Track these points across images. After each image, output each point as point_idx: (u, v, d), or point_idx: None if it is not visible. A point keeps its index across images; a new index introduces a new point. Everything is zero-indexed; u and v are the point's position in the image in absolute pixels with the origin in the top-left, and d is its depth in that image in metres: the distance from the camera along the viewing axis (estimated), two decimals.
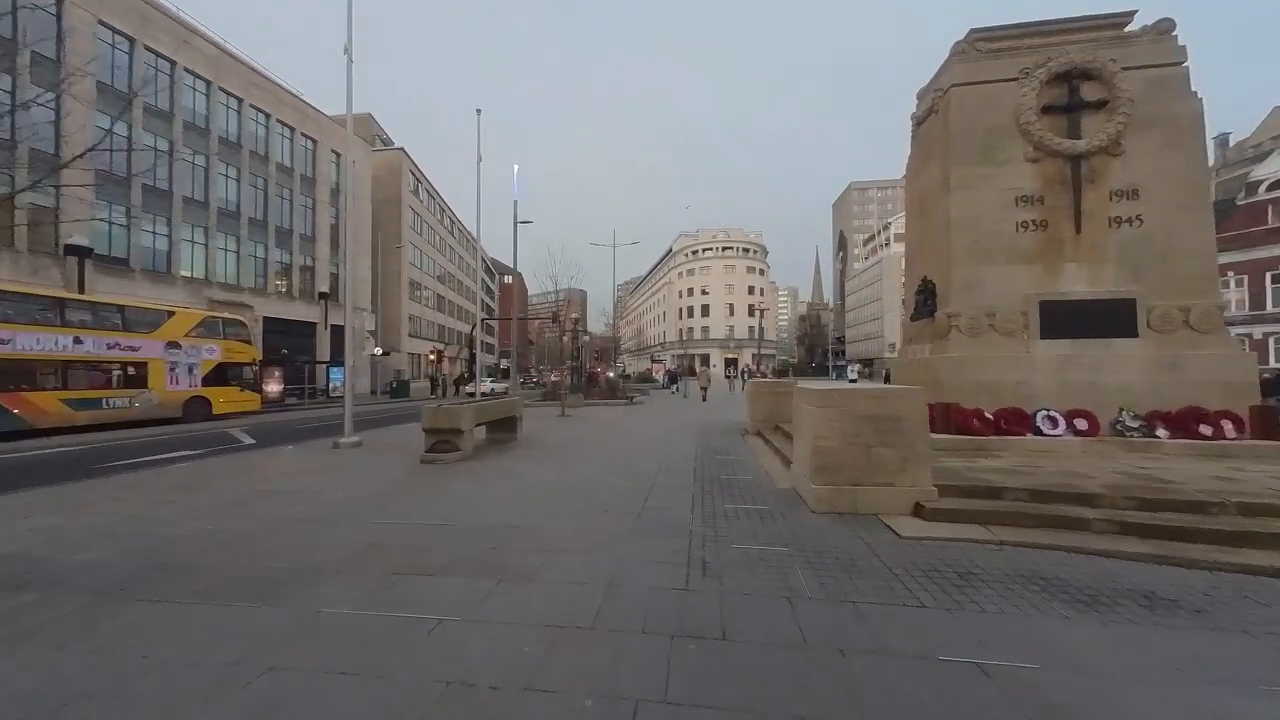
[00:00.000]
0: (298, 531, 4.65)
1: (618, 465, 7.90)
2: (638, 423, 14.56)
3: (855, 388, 5.21)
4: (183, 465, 8.46)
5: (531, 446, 9.94)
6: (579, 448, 9.77)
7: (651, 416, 16.61)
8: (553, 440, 10.87)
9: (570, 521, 4.91)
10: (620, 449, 9.50)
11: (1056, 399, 7.08)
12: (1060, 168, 7.46)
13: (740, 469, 7.52)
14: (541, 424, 14.23)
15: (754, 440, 10.40)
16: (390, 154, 42.65)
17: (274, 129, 29.83)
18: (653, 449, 9.41)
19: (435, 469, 7.68)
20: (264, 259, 29.35)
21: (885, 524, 4.63)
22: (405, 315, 42.49)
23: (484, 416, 9.40)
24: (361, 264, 36.46)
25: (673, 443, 10.26)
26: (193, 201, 25.36)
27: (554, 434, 12.01)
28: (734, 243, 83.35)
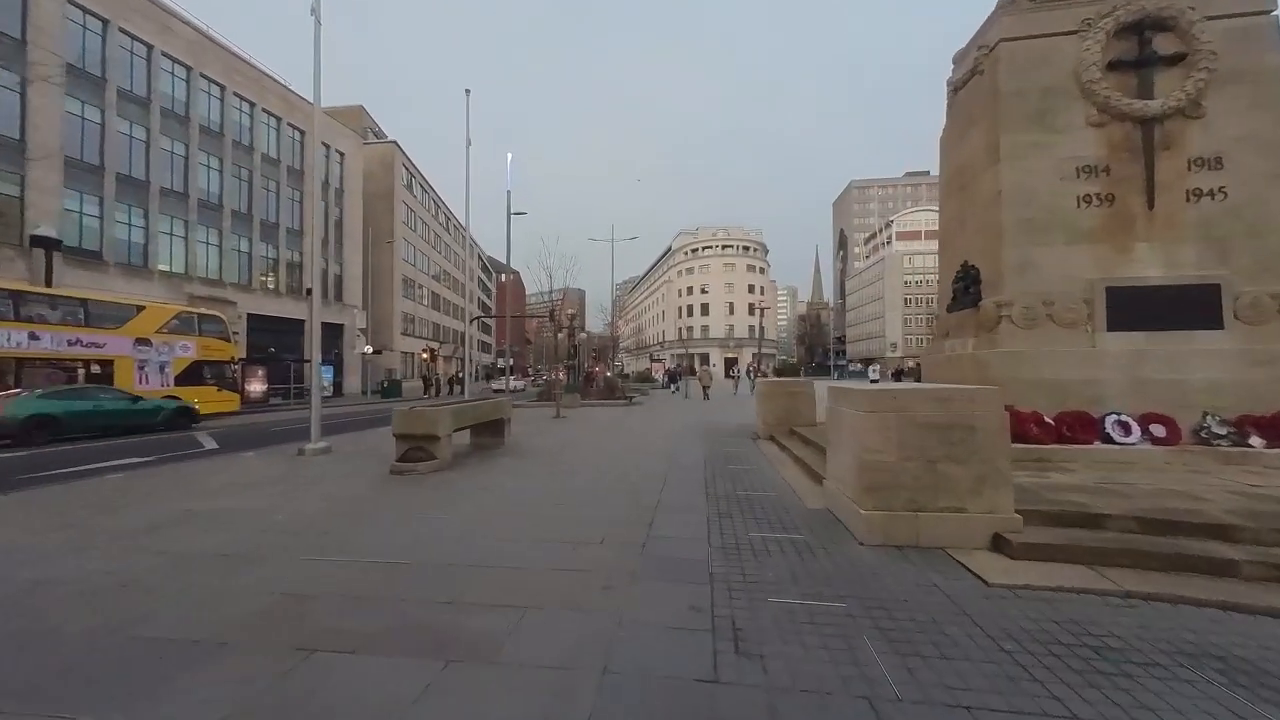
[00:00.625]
0: (204, 574, 3.61)
1: (616, 477, 6.87)
2: (638, 425, 13.54)
3: (916, 387, 4.19)
4: (118, 476, 7.40)
5: (520, 453, 8.90)
6: (573, 454, 8.73)
7: (652, 418, 15.59)
8: (544, 446, 9.83)
9: (555, 556, 3.87)
10: (619, 456, 8.47)
11: (1127, 401, 6.07)
12: (1129, 133, 6.44)
13: (759, 482, 6.49)
14: (534, 427, 13.19)
15: (768, 446, 9.38)
16: (382, 147, 41.52)
17: (259, 118, 28.71)
18: (656, 456, 8.38)
19: (405, 482, 6.64)
20: (249, 254, 28.24)
21: (960, 563, 3.60)
22: (398, 313, 41.39)
23: (465, 420, 8.35)
24: (352, 260, 35.42)
25: (678, 448, 9.23)
26: (171, 192, 24.25)
27: (546, 438, 10.97)
28: (734, 241, 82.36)
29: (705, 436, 10.94)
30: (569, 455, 8.66)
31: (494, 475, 7.04)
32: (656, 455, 8.49)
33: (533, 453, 8.95)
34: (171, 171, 24.27)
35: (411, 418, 7.29)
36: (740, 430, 11.79)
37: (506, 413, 9.99)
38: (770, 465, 7.58)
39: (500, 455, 8.68)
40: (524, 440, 10.53)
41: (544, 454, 8.81)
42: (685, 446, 9.46)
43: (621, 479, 6.71)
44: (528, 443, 10.22)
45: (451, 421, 7.60)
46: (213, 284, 25.98)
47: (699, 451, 8.81)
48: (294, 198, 31.12)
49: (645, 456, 8.38)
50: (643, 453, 8.79)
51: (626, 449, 9.30)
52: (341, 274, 35.02)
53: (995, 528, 3.81)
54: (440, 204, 54.55)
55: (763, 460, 7.99)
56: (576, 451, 9.07)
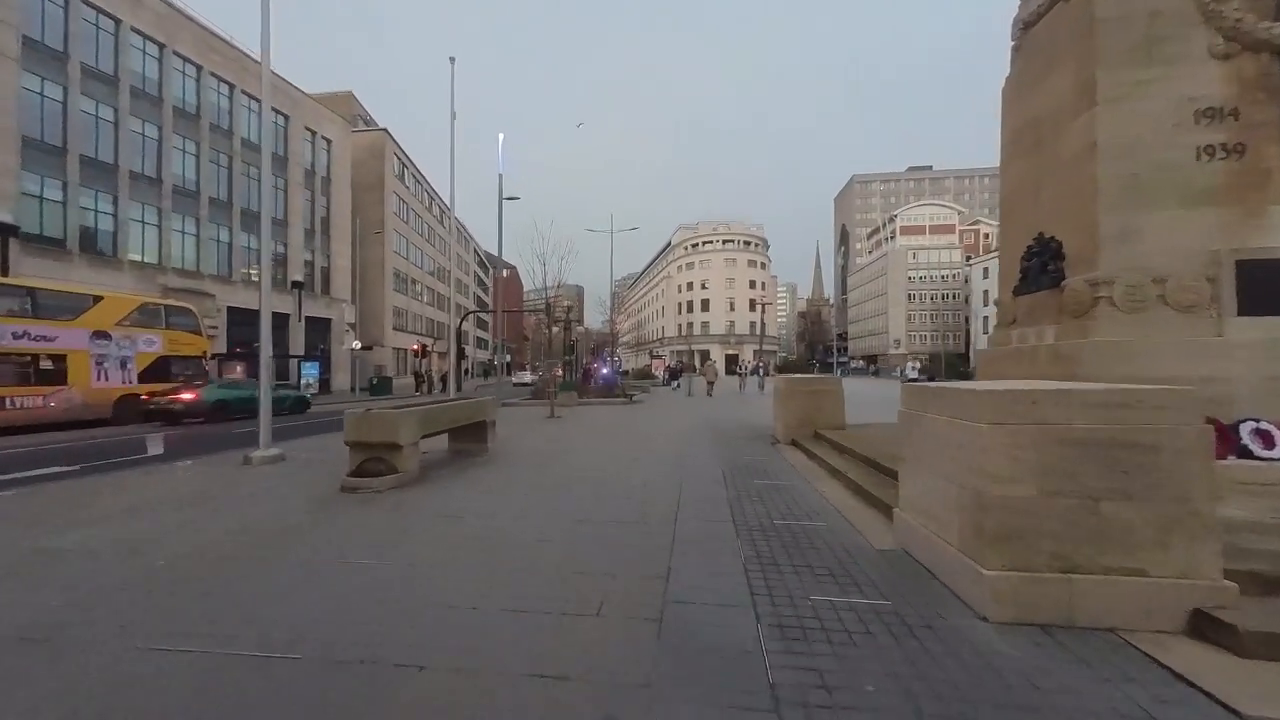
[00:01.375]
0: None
1: (617, 496, 5.57)
2: (641, 426, 12.24)
3: (1068, 387, 2.87)
4: (13, 492, 6.08)
5: (504, 462, 7.60)
6: (566, 464, 7.44)
7: (655, 418, 14.29)
8: (532, 452, 8.52)
9: (529, 641, 2.57)
10: (620, 466, 7.17)
11: (1263, 404, 4.78)
12: (1265, 67, 5.13)
13: (799, 504, 5.20)
14: (524, 428, 11.89)
15: (793, 454, 8.09)
16: (372, 134, 40.03)
17: (238, 101, 27.25)
18: (663, 465, 7.09)
19: (353, 503, 5.32)
20: (228, 244, 26.84)
21: (1158, 661, 2.31)
22: (389, 307, 40.00)
23: (436, 425, 7.02)
24: (340, 251, 34.03)
25: (688, 455, 7.94)
26: (142, 177, 22.81)
27: (536, 442, 9.67)
28: (734, 235, 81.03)
29: (717, 440, 9.66)
30: (561, 465, 7.36)
31: (466, 493, 5.73)
32: (665, 464, 7.20)
33: (519, 461, 7.64)
34: (143, 155, 22.83)
35: (367, 423, 5.98)
36: (755, 433, 10.50)
37: (490, 414, 8.67)
38: (804, 480, 6.28)
39: (480, 465, 7.37)
40: (511, 445, 9.22)
41: (532, 463, 7.50)
42: (697, 453, 8.17)
43: (625, 499, 5.41)
44: (515, 448, 8.92)
45: (417, 427, 6.29)
46: (189, 275, 24.58)
47: (714, 460, 7.53)
48: (278, 186, 29.67)
49: (652, 466, 7.09)
50: (648, 462, 7.49)
51: (629, 456, 8.01)
52: (329, 266, 33.61)
53: (1195, 600, 2.52)
54: (435, 196, 53.09)
55: (792, 472, 6.70)
56: (570, 460, 7.77)
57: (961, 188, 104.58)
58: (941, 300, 73.64)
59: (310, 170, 32.14)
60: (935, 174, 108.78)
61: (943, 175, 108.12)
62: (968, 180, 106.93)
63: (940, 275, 73.87)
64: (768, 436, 10.09)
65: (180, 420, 15.24)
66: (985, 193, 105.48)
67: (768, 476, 6.44)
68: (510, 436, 10.29)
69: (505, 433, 10.80)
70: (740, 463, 7.33)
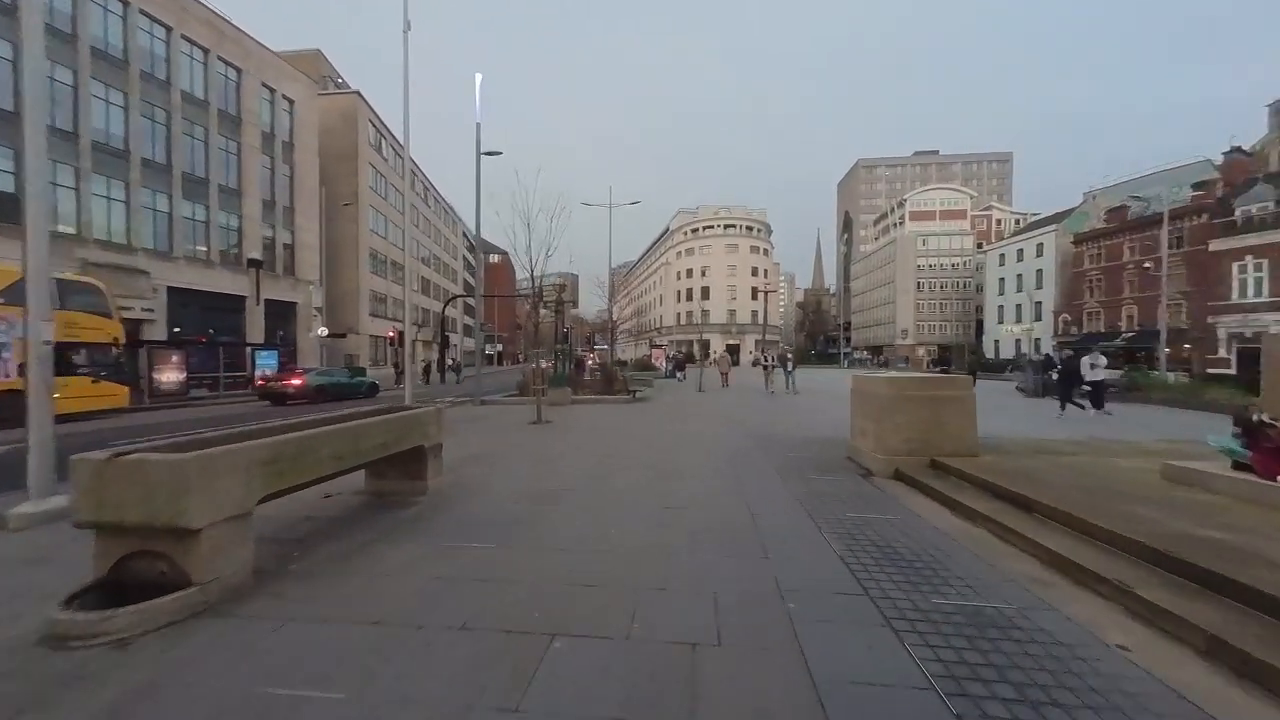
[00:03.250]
0: None
1: (659, 631, 2.41)
2: (656, 437, 9.09)
3: None
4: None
5: (440, 524, 4.45)
6: (549, 528, 4.29)
7: (672, 423, 11.17)
8: (497, 496, 5.37)
9: None
10: (647, 532, 4.03)
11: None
12: None
13: (1050, 653, 2.07)
14: (497, 442, 8.72)
15: (917, 501, 5.00)
16: (344, 98, 36.10)
17: (177, 46, 23.44)
18: (720, 530, 3.97)
19: (42, 690, 2.17)
20: (168, 214, 23.22)
21: None
22: (365, 290, 36.45)
23: (300, 470, 3.69)
24: (306, 227, 30.42)
25: (755, 504, 4.82)
26: (54, 130, 19.14)
27: (510, 470, 6.51)
28: (736, 220, 77.63)
29: (776, 465, 6.55)
30: (543, 531, 4.22)
31: (325, 641, 2.59)
32: (721, 526, 4.08)
33: (469, 520, 4.50)
34: (52, 103, 19.11)
35: (120, 480, 2.78)
36: (823, 452, 7.40)
37: (430, 433, 5.47)
38: (1023, 590, 3.16)
39: (397, 534, 4.21)
40: (467, 478, 6.06)
41: (492, 524, 4.36)
42: (762, 499, 5.05)
43: (680, 645, 2.27)
44: (472, 483, 5.77)
45: (243, 482, 3.09)
46: (117, 249, 21.03)
47: (800, 518, 4.41)
48: (228, 149, 25.98)
49: (705, 537, 3.96)
50: (693, 520, 4.36)
51: (656, 504, 4.88)
52: (293, 243, 30.02)
53: None
54: (418, 172, 49.19)
55: (950, 542, 3.60)
56: (559, 516, 4.62)
57: (970, 173, 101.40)
58: (952, 289, 70.77)
59: (269, 134, 28.40)
60: (942, 159, 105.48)
61: (950, 160, 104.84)
62: (976, 165, 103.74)
63: (951, 263, 70.92)
64: (839, 457, 7.03)
65: (286, 401, 18.47)
66: (994, 179, 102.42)
67: (930, 562, 3.33)
68: (472, 459, 7.12)
69: (468, 450, 7.64)
70: (845, 523, 4.22)
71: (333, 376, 21.01)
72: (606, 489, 5.50)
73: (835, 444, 8.02)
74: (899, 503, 5.00)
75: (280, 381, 19.43)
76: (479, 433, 9.86)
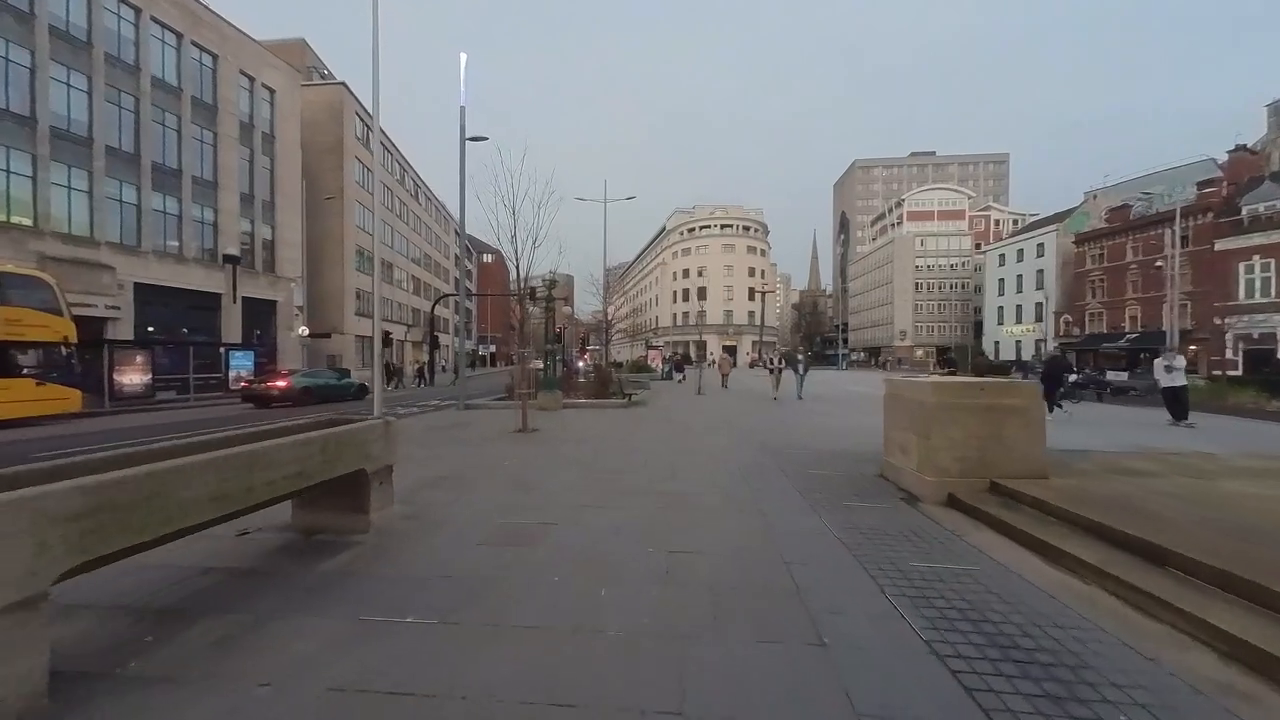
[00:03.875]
0: None
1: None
2: (657, 448, 8.00)
3: None
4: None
5: (374, 575, 3.35)
6: (506, 592, 3.21)
7: (673, 431, 10.09)
8: (457, 532, 4.26)
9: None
10: (653, 594, 2.96)
11: None
12: None
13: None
14: (474, 456, 7.61)
15: (983, 536, 3.95)
16: (329, 90, 34.83)
17: (147, 30, 22.18)
18: (748, 605, 2.89)
19: None
20: (136, 206, 21.94)
21: None
22: (350, 289, 35.19)
23: (152, 522, 2.54)
24: (288, 223, 29.18)
25: (779, 531, 3.75)
26: (7, 114, 17.88)
27: (477, 495, 5.40)
28: (733, 220, 76.79)
29: (798, 483, 5.50)
30: (509, 593, 3.12)
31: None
32: (759, 601, 2.98)
33: (414, 573, 3.39)
34: (6, 85, 17.86)
35: None
36: (850, 466, 6.35)
37: (373, 453, 4.34)
38: (1164, 669, 2.09)
39: (316, 596, 3.10)
40: (428, 507, 4.95)
41: (443, 581, 3.26)
42: (795, 538, 3.96)
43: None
44: (433, 514, 4.67)
45: (30, 554, 1.97)
46: (79, 242, 19.73)
47: (855, 580, 3.33)
48: (202, 139, 24.71)
49: (732, 604, 2.88)
50: (715, 576, 3.28)
51: (664, 546, 3.79)
52: (274, 239, 28.75)
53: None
54: (408, 168, 47.95)
55: (1083, 623, 2.53)
56: (531, 571, 3.52)
57: (966, 174, 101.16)
58: (950, 290, 70.20)
59: (248, 124, 27.15)
60: (939, 160, 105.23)
61: (946, 161, 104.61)
62: (972, 167, 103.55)
63: (949, 264, 70.36)
64: (870, 475, 6.00)
65: (271, 404, 17.52)
66: (990, 180, 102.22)
67: (1079, 676, 2.26)
68: (436, 482, 6.02)
69: (436, 468, 6.53)
70: (937, 594, 3.15)
71: (319, 378, 20.17)
72: (597, 526, 4.41)
73: (862, 459, 6.98)
74: (965, 542, 3.94)
75: (265, 383, 18.46)
76: (454, 444, 8.74)
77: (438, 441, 9.14)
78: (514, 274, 14.70)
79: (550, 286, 14.32)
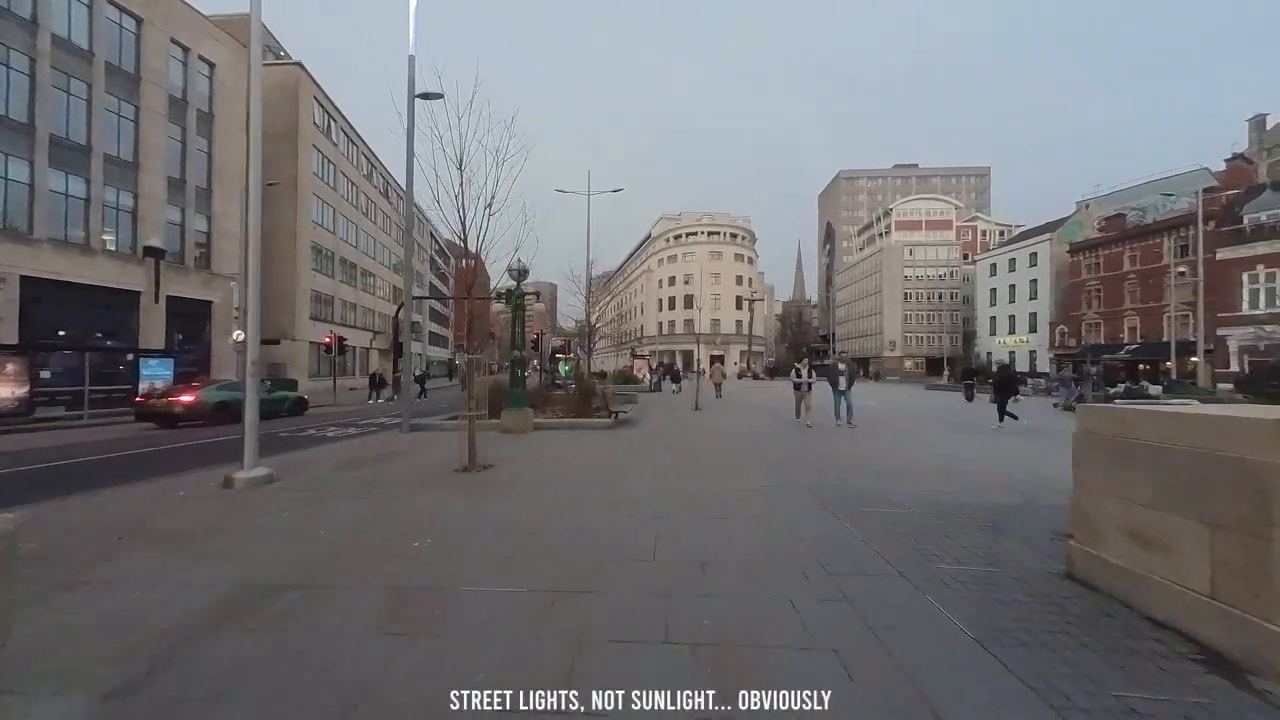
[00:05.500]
0: None
1: None
2: (665, 505, 5.16)
3: None
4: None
5: None
6: None
7: (678, 465, 7.30)
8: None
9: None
10: None
11: None
12: None
13: None
14: (369, 524, 4.68)
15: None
16: (281, 70, 31.60)
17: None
18: None
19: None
20: (28, 185, 18.42)
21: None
22: (304, 291, 31.70)
23: None
24: (226, 213, 25.73)
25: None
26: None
27: (297, 663, 2.52)
28: (720, 227, 75.11)
29: (935, 592, 2.75)
30: None
31: None
32: None
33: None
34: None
35: None
36: (979, 539, 3.64)
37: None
38: None
39: None
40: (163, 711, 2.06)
41: None
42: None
43: None
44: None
45: None
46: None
47: None
48: (119, 112, 21.30)
49: None
50: None
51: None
52: (210, 231, 25.28)
53: None
54: (376, 164, 44.67)
55: None
56: None
57: (949, 186, 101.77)
58: (940, 300, 69.30)
59: (181, 100, 23.81)
60: (922, 171, 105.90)
61: (930, 173, 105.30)
62: (955, 179, 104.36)
63: (938, 274, 69.57)
64: (1051, 571, 3.32)
65: (177, 423, 14.19)
66: (972, 192, 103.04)
67: None
68: (250, 603, 3.12)
69: (282, 561, 3.62)
70: None
71: (240, 391, 16.56)
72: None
73: (1005, 528, 4.31)
74: None
75: (165, 398, 14.87)
76: (356, 497, 5.80)
77: (338, 489, 6.20)
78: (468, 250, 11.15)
79: (520, 277, 11.49)
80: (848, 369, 12.61)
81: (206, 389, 15.31)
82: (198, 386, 15.68)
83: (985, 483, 6.34)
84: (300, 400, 18.64)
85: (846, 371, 12.43)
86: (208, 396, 14.89)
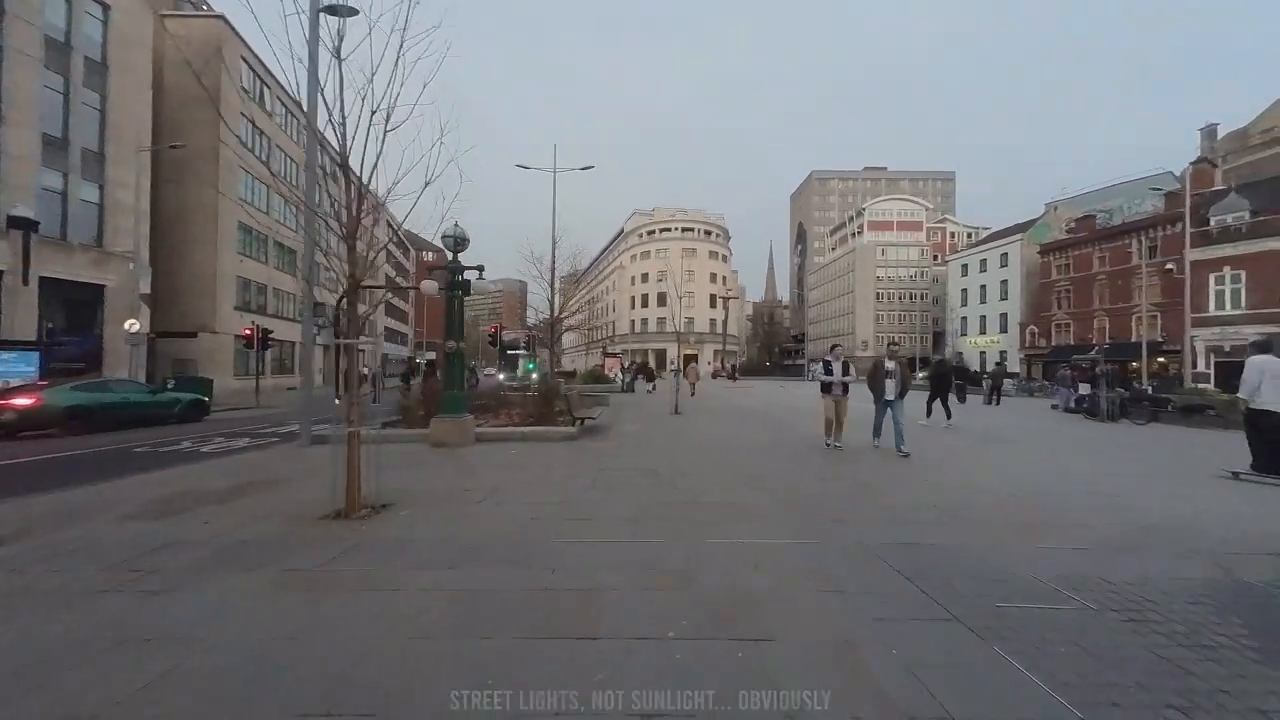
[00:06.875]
0: None
1: None
2: (639, 612, 2.90)
3: None
4: None
5: None
6: None
7: (664, 506, 4.99)
8: None
9: None
10: None
11: None
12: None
13: None
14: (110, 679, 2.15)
15: None
16: (200, 23, 27.64)
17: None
18: None
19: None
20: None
21: None
22: (227, 276, 27.82)
23: None
24: (122, 180, 21.88)
25: None
26: None
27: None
28: (695, 224, 73.42)
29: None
30: None
31: None
32: None
33: None
34: None
35: None
36: None
37: None
38: None
39: None
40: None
41: None
42: None
43: None
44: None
45: None
46: None
47: None
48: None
49: None
50: None
51: None
52: (101, 202, 21.40)
53: None
54: (324, 144, 40.51)
55: None
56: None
57: (916, 189, 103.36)
58: (912, 300, 69.61)
59: (64, 44, 19.93)
60: (891, 174, 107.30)
61: (899, 176, 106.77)
62: (923, 183, 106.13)
63: (909, 274, 69.87)
64: None
65: (16, 433, 11.13)
66: (939, 196, 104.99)
67: None
68: None
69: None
70: None
71: (107, 392, 13.39)
72: None
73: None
74: None
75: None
76: (81, 591, 3.21)
77: (80, 568, 3.57)
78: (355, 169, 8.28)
79: (456, 246, 8.93)
80: (898, 370, 8.52)
81: (55, 390, 12.02)
82: (43, 386, 12.38)
83: (1111, 534, 4.28)
84: (197, 403, 15.39)
85: (897, 374, 8.45)
86: (56, 399, 11.64)
